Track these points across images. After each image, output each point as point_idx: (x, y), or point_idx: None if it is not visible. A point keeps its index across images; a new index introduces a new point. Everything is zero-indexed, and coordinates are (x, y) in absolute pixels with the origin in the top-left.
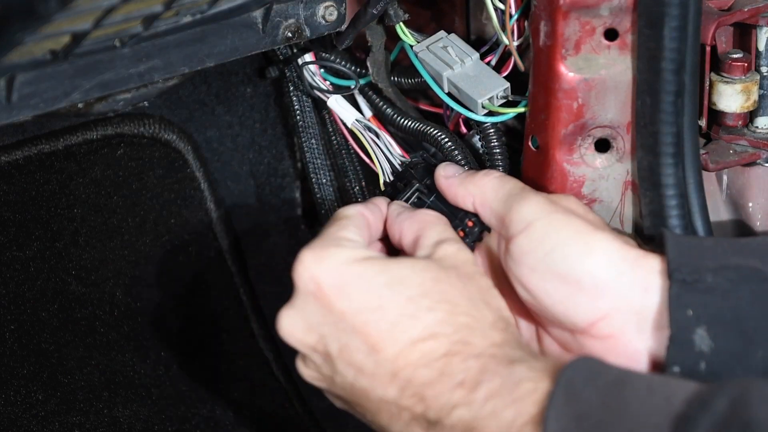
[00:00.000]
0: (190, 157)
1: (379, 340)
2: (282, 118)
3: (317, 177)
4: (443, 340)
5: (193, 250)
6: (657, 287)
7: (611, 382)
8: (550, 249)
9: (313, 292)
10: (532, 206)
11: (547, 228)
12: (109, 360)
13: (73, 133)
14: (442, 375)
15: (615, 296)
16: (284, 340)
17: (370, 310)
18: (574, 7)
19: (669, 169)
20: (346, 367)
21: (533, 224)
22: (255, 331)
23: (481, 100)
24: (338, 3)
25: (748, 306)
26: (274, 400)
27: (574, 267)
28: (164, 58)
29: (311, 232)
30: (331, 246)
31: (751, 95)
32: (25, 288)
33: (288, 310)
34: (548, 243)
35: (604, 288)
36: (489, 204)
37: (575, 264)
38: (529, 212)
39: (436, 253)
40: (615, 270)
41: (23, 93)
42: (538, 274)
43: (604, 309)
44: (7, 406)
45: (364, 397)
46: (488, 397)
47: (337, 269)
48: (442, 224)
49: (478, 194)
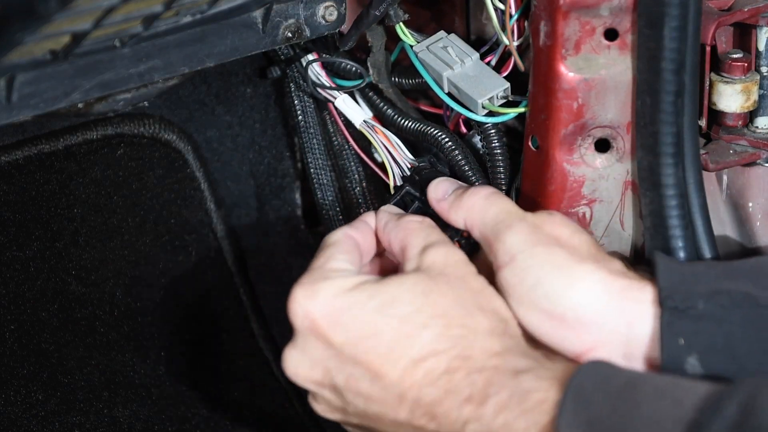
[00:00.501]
0: (190, 157)
1: (381, 365)
2: (282, 118)
3: (318, 178)
4: (442, 356)
5: (193, 250)
6: (644, 318)
7: (622, 386)
8: (533, 284)
9: (310, 328)
10: (516, 237)
11: (529, 262)
12: (109, 360)
13: (73, 133)
14: (448, 392)
15: (600, 329)
16: (292, 380)
17: (366, 338)
18: (574, 7)
19: (669, 169)
20: (355, 397)
21: (516, 257)
22: (255, 331)
23: (481, 100)
24: (338, 3)
25: (739, 332)
26: (274, 400)
27: (557, 302)
28: (164, 58)
29: (311, 232)
30: (319, 280)
31: (751, 95)
32: (25, 288)
33: (290, 350)
34: (531, 277)
35: (588, 322)
36: (477, 227)
37: (558, 299)
38: (512, 244)
39: (423, 262)
40: (599, 303)
41: (23, 93)
42: (523, 307)
43: (590, 342)
44: (7, 406)
45: (380, 422)
46: (498, 411)
47: (329, 302)
48: (426, 228)
49: (467, 217)
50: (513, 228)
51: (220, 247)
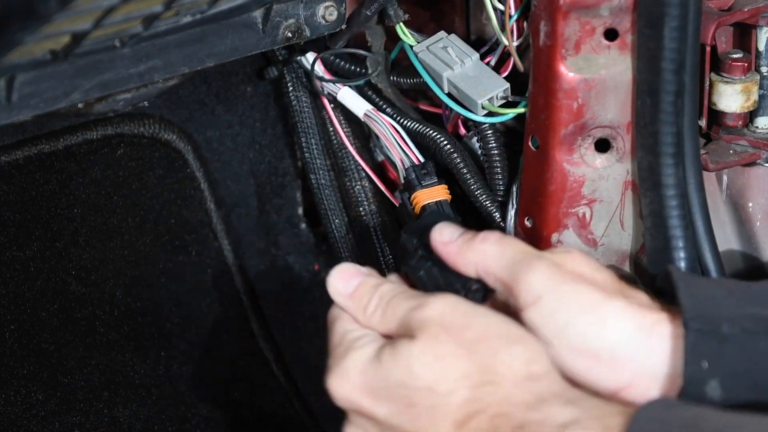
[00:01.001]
0: (190, 157)
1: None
2: (282, 116)
3: (317, 177)
4: (482, 417)
5: (193, 250)
6: (676, 352)
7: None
8: (564, 325)
9: (355, 410)
10: (539, 277)
11: (557, 303)
12: (109, 360)
13: (73, 133)
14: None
15: (634, 366)
16: None
17: (403, 411)
18: (574, 7)
19: (669, 169)
20: None
21: (542, 298)
22: (255, 331)
23: (481, 100)
24: (338, 3)
25: (762, 358)
26: (274, 400)
27: (589, 342)
28: (164, 58)
29: (312, 231)
30: (343, 357)
31: (751, 95)
32: (25, 288)
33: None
34: (561, 319)
35: (623, 359)
36: (492, 272)
37: (590, 339)
38: (536, 284)
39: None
40: (633, 340)
41: (23, 93)
42: (554, 347)
43: (626, 379)
44: (7, 406)
45: None
46: None
47: (360, 379)
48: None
49: (480, 262)
50: (534, 268)
51: (220, 247)
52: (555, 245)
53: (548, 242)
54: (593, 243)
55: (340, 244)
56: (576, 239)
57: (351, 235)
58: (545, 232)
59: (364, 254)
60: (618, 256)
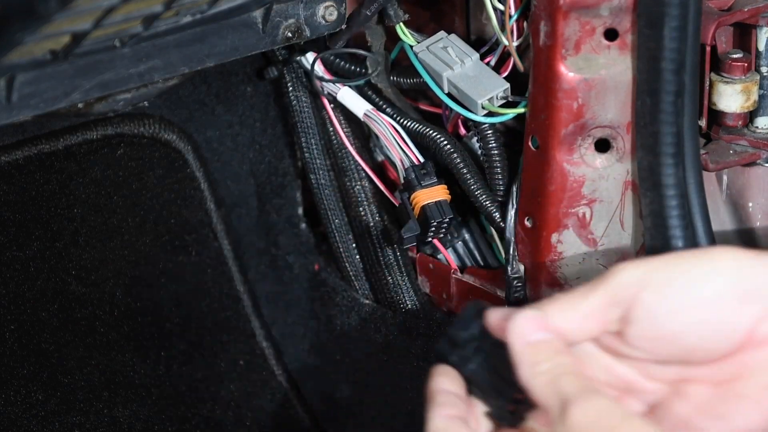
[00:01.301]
0: (190, 157)
1: None
2: (282, 116)
3: (317, 177)
4: None
5: (193, 250)
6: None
7: None
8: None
9: None
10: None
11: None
12: (109, 360)
13: (73, 133)
14: None
15: (761, 294)
16: None
17: None
18: (574, 7)
19: (669, 169)
20: None
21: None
22: (255, 331)
23: (481, 100)
24: (338, 3)
25: None
26: (274, 400)
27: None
28: (164, 58)
29: (312, 231)
30: None
31: (751, 95)
32: (25, 288)
33: None
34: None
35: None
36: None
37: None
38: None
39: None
40: (748, 271)
41: (23, 93)
42: (681, 314)
43: (757, 312)
44: (7, 406)
45: None
46: None
47: None
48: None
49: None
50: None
51: (220, 247)
52: (555, 245)
53: (548, 242)
54: (593, 243)
55: (340, 244)
56: (576, 239)
57: (351, 235)
58: (545, 232)
59: (364, 254)
60: (618, 256)
